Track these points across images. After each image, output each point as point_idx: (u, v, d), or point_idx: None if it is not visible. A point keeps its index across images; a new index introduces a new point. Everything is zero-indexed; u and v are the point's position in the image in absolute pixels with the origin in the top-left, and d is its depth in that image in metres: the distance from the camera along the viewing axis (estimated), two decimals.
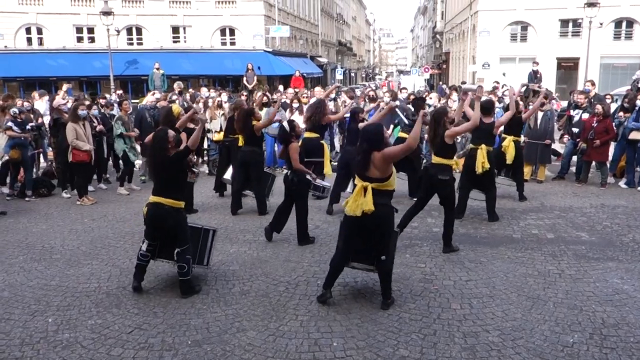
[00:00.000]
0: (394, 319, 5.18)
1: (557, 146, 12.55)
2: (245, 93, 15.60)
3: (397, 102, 11.22)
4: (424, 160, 9.78)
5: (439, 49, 62.78)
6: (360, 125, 7.77)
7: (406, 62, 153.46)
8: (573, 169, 11.60)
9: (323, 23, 55.91)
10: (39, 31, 32.56)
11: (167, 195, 5.67)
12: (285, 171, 7.78)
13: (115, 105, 12.97)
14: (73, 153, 9.72)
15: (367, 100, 13.45)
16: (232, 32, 34.81)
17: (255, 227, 8.17)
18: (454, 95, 14.93)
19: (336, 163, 9.83)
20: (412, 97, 13.83)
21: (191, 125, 8.76)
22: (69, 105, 11.26)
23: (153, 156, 5.77)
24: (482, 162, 8.13)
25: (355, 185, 5.33)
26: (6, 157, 10.11)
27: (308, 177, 7.55)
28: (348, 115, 9.72)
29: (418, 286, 5.95)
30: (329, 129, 12.52)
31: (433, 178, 7.04)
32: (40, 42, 32.66)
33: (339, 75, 52.76)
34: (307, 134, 9.31)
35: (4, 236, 7.98)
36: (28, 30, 32.45)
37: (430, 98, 14.85)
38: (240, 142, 9.11)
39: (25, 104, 12.10)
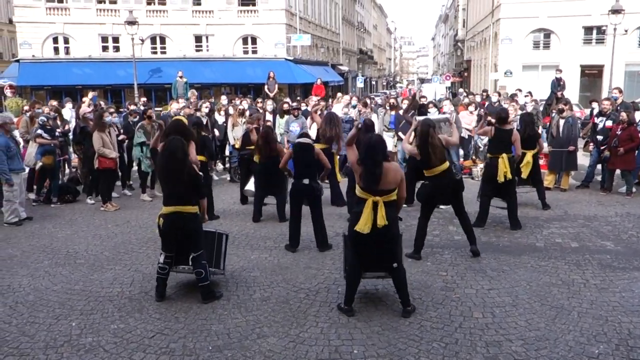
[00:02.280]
0: (415, 327, 5.14)
1: (581, 154, 12.31)
2: (259, 100, 15.67)
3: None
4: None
5: (461, 56, 62.50)
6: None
7: (427, 70, 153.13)
8: (598, 177, 11.42)
9: (344, 31, 56.05)
10: (66, 41, 33.25)
11: (185, 202, 5.69)
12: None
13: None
14: (99, 160, 9.91)
15: (388, 108, 13.45)
16: (254, 40, 35.10)
17: (276, 234, 8.19)
18: (471, 107, 14.79)
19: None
20: (431, 104, 13.77)
21: (202, 133, 8.89)
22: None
23: (171, 165, 5.65)
24: (504, 171, 8.06)
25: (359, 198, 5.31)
26: (40, 164, 10.31)
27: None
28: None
29: (439, 294, 5.90)
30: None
31: (454, 182, 7.00)
32: (67, 52, 33.33)
33: (359, 84, 52.85)
34: (318, 145, 9.25)
35: (29, 241, 8.13)
36: (55, 40, 33.15)
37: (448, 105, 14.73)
38: (256, 159, 9.18)
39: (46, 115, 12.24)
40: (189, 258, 5.80)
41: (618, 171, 10.93)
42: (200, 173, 8.40)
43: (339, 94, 16.16)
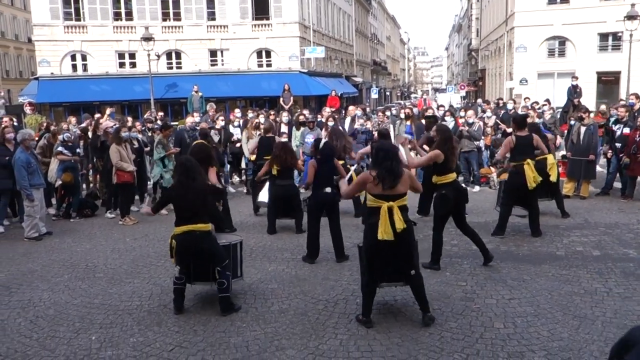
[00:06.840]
0: (436, 338, 5.08)
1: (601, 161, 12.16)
2: (272, 112, 15.73)
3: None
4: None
5: (475, 66, 62.30)
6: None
7: (441, 80, 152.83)
8: (617, 184, 11.25)
9: (358, 43, 56.25)
10: (84, 58, 33.80)
11: (197, 221, 5.71)
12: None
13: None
14: (117, 174, 10.00)
15: (403, 117, 13.44)
16: (268, 54, 35.36)
17: (293, 246, 8.18)
18: (488, 112, 14.77)
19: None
20: (448, 113, 13.73)
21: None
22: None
23: (185, 184, 5.69)
24: (532, 176, 7.93)
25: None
26: (59, 182, 10.43)
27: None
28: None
29: (459, 305, 5.83)
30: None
31: (462, 192, 6.98)
32: (85, 69, 33.87)
33: (374, 95, 52.89)
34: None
35: (49, 255, 8.20)
36: (73, 58, 33.72)
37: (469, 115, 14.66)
38: (274, 172, 8.95)
39: (67, 132, 12.23)
40: (209, 274, 5.83)
41: (639, 178, 10.76)
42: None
43: (350, 107, 16.20)
